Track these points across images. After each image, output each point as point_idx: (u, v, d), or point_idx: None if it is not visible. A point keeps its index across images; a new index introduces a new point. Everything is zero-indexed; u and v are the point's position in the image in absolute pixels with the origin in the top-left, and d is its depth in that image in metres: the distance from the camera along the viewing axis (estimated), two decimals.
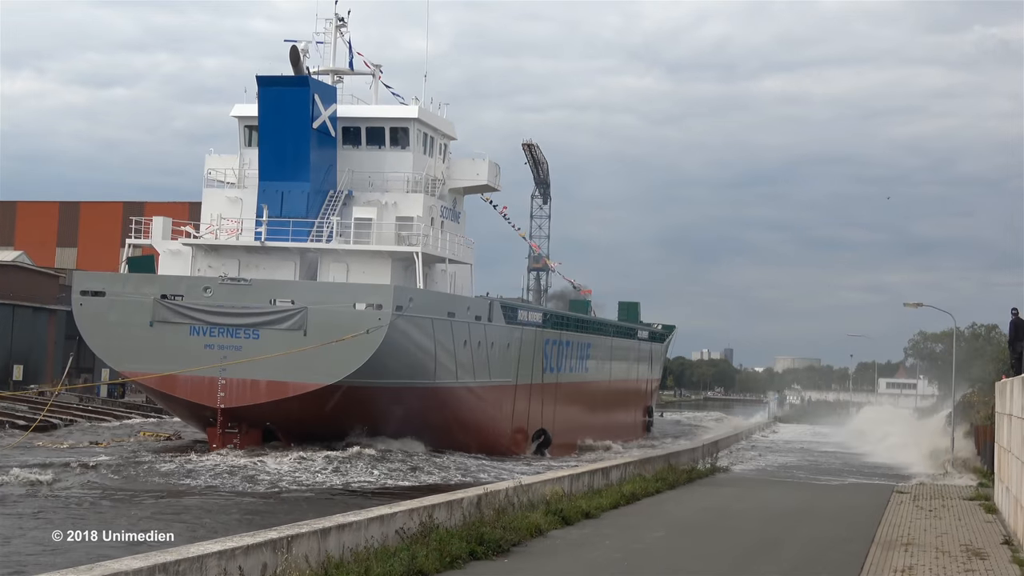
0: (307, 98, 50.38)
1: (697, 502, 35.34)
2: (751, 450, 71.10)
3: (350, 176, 53.51)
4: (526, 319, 61.87)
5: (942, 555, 24.90)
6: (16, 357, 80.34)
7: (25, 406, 62.53)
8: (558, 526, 27.05)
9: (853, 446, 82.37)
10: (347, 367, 45.83)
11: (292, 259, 51.02)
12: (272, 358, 45.79)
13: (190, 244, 52.41)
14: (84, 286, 49.66)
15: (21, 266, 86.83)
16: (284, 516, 30.59)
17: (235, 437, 47.36)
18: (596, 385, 76.47)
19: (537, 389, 62.35)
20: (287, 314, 46.27)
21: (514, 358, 58.70)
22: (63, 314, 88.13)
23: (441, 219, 55.93)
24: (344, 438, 48.53)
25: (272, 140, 50.72)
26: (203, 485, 38.69)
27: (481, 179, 59.93)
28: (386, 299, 46.05)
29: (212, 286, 47.48)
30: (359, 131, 54.85)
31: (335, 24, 56.80)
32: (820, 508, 35.46)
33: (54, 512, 32.03)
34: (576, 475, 34.66)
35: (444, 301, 51.58)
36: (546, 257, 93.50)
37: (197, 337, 47.16)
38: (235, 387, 46.72)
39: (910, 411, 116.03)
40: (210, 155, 56.90)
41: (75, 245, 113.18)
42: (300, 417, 47.19)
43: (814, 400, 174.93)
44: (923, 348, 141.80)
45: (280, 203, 50.47)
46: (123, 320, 48.12)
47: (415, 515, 22.97)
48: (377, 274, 50.25)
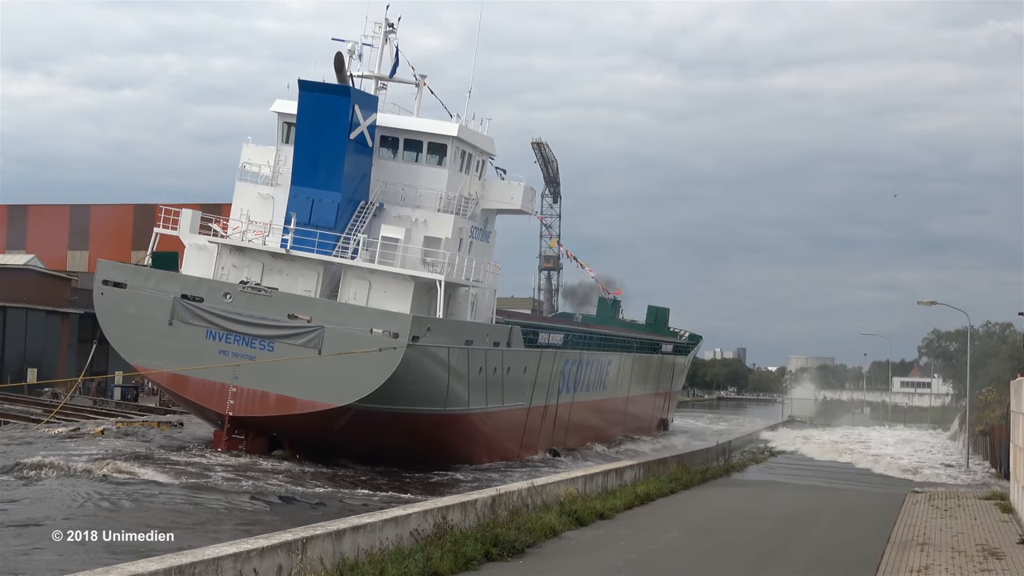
0: (347, 107, 49.67)
1: (711, 503, 35.28)
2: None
3: (383, 188, 52.95)
4: (547, 341, 61.66)
5: (958, 555, 24.81)
6: (30, 360, 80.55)
7: (39, 408, 62.65)
8: (572, 527, 27.02)
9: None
10: (359, 391, 45.52)
11: (316, 270, 50.62)
12: (285, 374, 45.66)
13: (216, 242, 52.23)
14: (107, 276, 49.41)
15: (34, 269, 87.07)
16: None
17: (240, 443, 47.27)
18: (612, 402, 76.34)
19: (551, 410, 62.25)
20: (304, 331, 46.02)
21: (529, 382, 58.47)
22: (76, 317, 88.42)
23: (470, 239, 55.18)
24: (351, 456, 48.50)
25: (307, 146, 50.13)
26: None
27: (515, 203, 58.96)
28: (403, 328, 45.63)
29: (233, 292, 47.22)
30: (397, 142, 54.29)
31: (384, 29, 55.92)
32: (834, 508, 35.36)
33: (53, 512, 32.09)
34: (590, 476, 34.61)
35: (463, 329, 51.32)
36: (580, 260, 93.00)
37: (213, 342, 46.96)
38: (245, 396, 46.58)
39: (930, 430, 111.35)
40: (247, 144, 56.06)
41: (86, 248, 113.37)
42: (306, 433, 47.12)
43: (828, 399, 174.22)
44: (937, 347, 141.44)
45: (309, 211, 49.95)
46: (142, 314, 47.93)
47: (429, 516, 22.96)
48: (398, 295, 49.89)
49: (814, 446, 77.25)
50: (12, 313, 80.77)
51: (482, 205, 57.54)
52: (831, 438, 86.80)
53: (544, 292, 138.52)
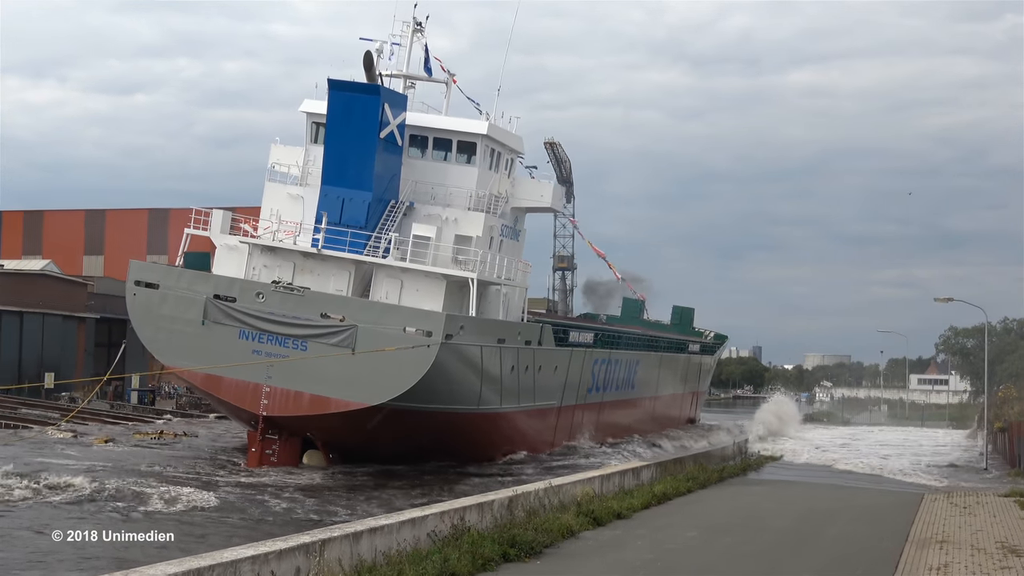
0: (377, 107, 49.49)
1: (728, 502, 35.19)
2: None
3: (413, 187, 52.90)
4: (577, 340, 61.53)
5: (978, 552, 24.71)
6: (47, 365, 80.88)
7: (57, 413, 62.86)
8: (590, 527, 26.97)
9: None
10: (392, 390, 45.48)
11: (347, 269, 50.60)
12: (318, 373, 45.54)
13: (247, 242, 52.28)
14: (139, 276, 49.45)
15: (50, 275, 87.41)
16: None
17: (274, 443, 47.23)
18: (641, 402, 76.11)
19: (580, 409, 62.11)
20: (337, 330, 45.94)
21: (560, 381, 58.36)
22: (92, 322, 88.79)
23: (500, 238, 55.19)
24: (384, 457, 48.38)
25: (337, 146, 50.01)
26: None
27: (544, 201, 59.21)
28: (437, 327, 45.63)
29: (265, 292, 47.18)
30: (426, 139, 54.23)
31: (412, 28, 56.02)
32: (853, 507, 35.24)
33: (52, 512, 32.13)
34: (607, 475, 34.56)
35: (495, 328, 51.29)
36: (609, 261, 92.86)
37: (246, 342, 46.90)
38: (278, 396, 46.45)
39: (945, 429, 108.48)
40: (275, 145, 56.17)
41: (102, 253, 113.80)
42: (340, 433, 47.05)
43: (845, 397, 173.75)
44: (954, 343, 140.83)
45: (340, 210, 49.90)
46: (175, 315, 47.96)
47: (446, 518, 22.95)
48: (430, 294, 49.88)
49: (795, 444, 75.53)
50: (29, 318, 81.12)
51: (512, 204, 57.56)
52: (823, 440, 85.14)
53: (559, 292, 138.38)
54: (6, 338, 79.39)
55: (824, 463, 60.99)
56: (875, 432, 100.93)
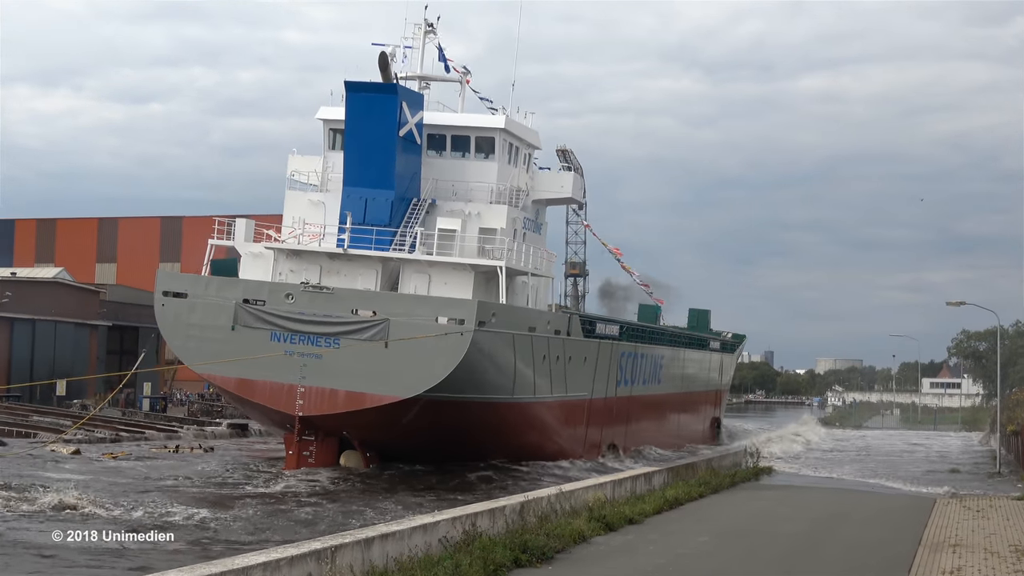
0: (395, 105, 49.49)
1: (740, 506, 35.13)
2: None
3: (434, 185, 52.85)
4: (604, 332, 61.29)
5: (991, 556, 24.63)
6: (59, 373, 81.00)
7: (69, 420, 62.97)
8: (601, 532, 26.94)
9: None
10: (427, 381, 45.35)
11: (374, 267, 50.69)
12: (353, 369, 45.59)
13: (272, 248, 52.24)
14: (167, 287, 49.58)
15: (62, 282, 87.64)
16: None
17: (311, 445, 47.19)
18: (668, 398, 75.59)
19: (611, 403, 61.81)
20: (369, 324, 45.88)
21: (589, 372, 58.16)
22: (104, 329, 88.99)
23: (524, 231, 55.14)
24: (421, 454, 48.33)
25: (358, 146, 50.07)
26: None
27: (565, 192, 59.19)
28: (469, 314, 45.53)
29: (294, 293, 47.22)
30: (444, 138, 54.31)
31: (424, 29, 56.17)
32: (865, 511, 35.16)
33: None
34: (619, 480, 34.54)
35: (525, 316, 51.17)
36: (624, 263, 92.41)
37: (278, 343, 46.85)
38: (314, 395, 46.38)
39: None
40: (293, 155, 56.45)
41: (114, 261, 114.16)
42: (376, 429, 46.88)
43: (857, 402, 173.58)
44: (967, 347, 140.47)
45: (363, 210, 49.97)
46: (204, 322, 48.00)
47: (458, 523, 22.93)
48: (459, 286, 49.81)
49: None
50: (41, 326, 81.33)
51: (532, 196, 57.57)
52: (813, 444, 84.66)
53: (571, 299, 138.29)
54: (18, 345, 79.60)
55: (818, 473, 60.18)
56: (871, 438, 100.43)
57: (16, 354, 79.31)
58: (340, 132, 53.38)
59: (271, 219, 56.37)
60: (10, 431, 56.03)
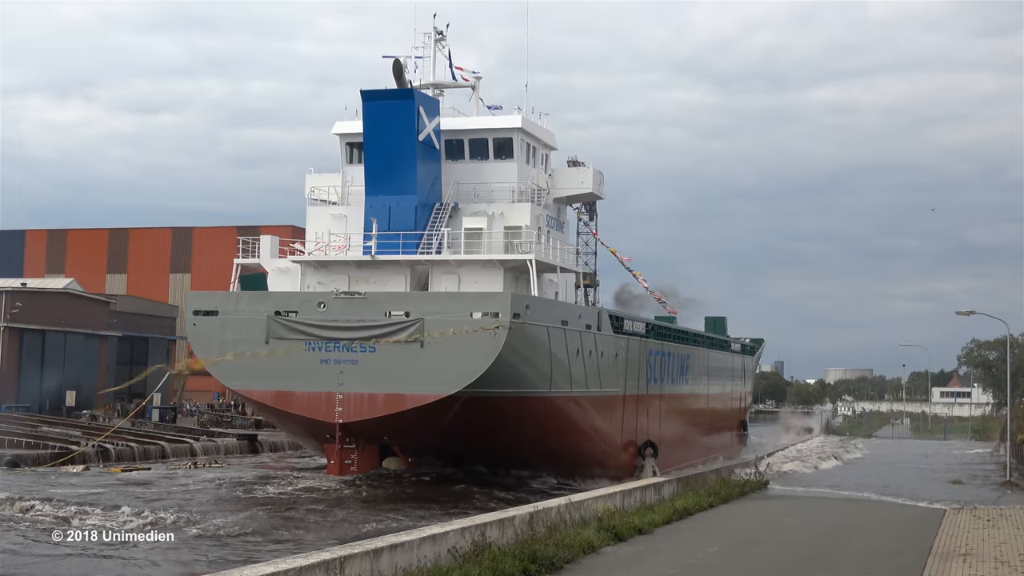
0: (412, 111, 49.68)
1: (750, 516, 35.06)
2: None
3: (455, 188, 53.02)
4: (631, 329, 60.82)
5: (1001, 565, 24.55)
6: (69, 383, 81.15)
7: (78, 431, 63.05)
8: (611, 542, 26.90)
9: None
10: (466, 377, 45.08)
11: (403, 272, 50.72)
12: (390, 372, 45.46)
13: (299, 261, 52.31)
14: (197, 306, 49.44)
15: (73, 293, 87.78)
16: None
17: (353, 452, 47.10)
18: (696, 399, 74.97)
19: (644, 400, 61.24)
20: (403, 325, 45.74)
21: (621, 368, 57.71)
22: (114, 340, 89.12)
23: (547, 228, 54.98)
24: (460, 456, 48.17)
25: (378, 154, 50.18)
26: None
27: (585, 187, 58.87)
28: (503, 307, 45.22)
29: (326, 301, 47.09)
30: (462, 144, 54.27)
31: (434, 38, 56.36)
32: (875, 520, 35.07)
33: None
34: (628, 491, 34.51)
35: (558, 309, 50.85)
36: (636, 272, 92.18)
37: (313, 352, 46.72)
38: (353, 401, 46.18)
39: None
40: (310, 174, 56.70)
41: (125, 271, 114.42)
42: (418, 430, 46.67)
43: (867, 411, 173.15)
44: (976, 356, 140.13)
45: (388, 217, 50.07)
46: (238, 338, 47.89)
47: (467, 534, 22.92)
48: (489, 284, 49.70)
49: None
50: (51, 336, 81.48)
51: (553, 194, 57.53)
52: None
53: None
54: (28, 356, 79.74)
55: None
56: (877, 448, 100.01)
57: (26, 364, 79.43)
58: (356, 146, 53.58)
59: (281, 230, 56.53)
60: (20, 442, 56.13)
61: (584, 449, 52.93)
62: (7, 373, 77.37)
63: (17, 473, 47.76)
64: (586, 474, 50.74)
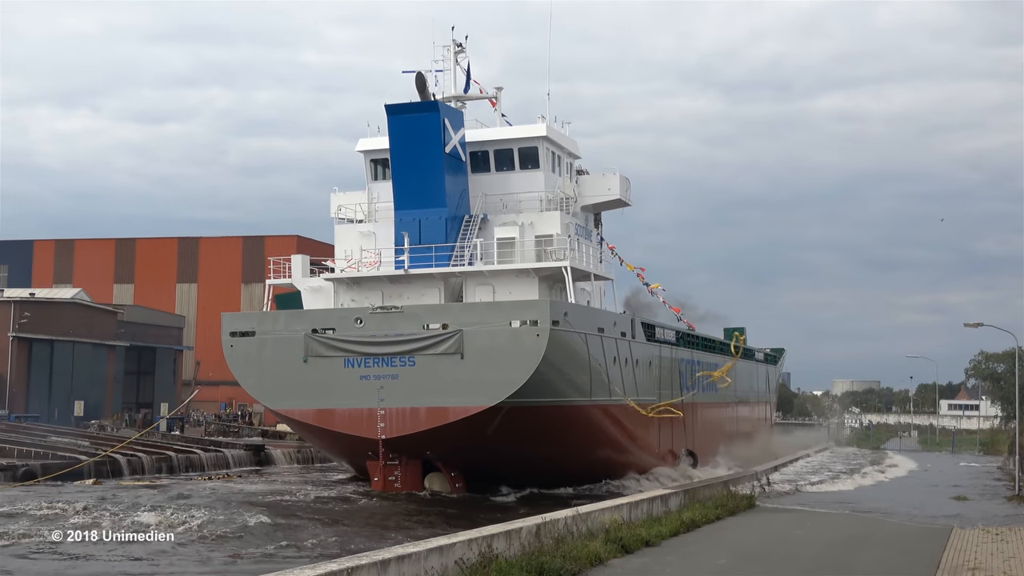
0: (438, 123, 49.46)
1: (758, 529, 34.96)
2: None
3: (483, 200, 52.77)
4: (663, 337, 60.68)
5: None
6: (77, 393, 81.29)
7: (86, 440, 63.14)
8: (618, 554, 26.83)
9: None
10: (509, 387, 44.88)
11: (436, 285, 50.50)
12: (432, 385, 45.19)
13: (332, 279, 52.14)
14: (234, 327, 49.15)
15: (81, 303, 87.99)
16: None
17: (396, 468, 46.78)
18: (725, 407, 74.82)
19: (678, 409, 61.26)
20: (443, 337, 45.53)
21: (655, 376, 57.52)
22: (122, 350, 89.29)
23: (577, 237, 54.65)
24: (504, 472, 47.65)
25: (406, 168, 49.85)
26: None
27: (613, 193, 58.48)
28: (542, 314, 45.07)
29: (363, 316, 46.94)
30: (487, 155, 53.87)
31: (453, 51, 56.32)
32: (882, 535, 34.94)
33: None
34: (635, 503, 34.42)
35: (595, 316, 50.71)
36: (652, 285, 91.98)
37: (352, 369, 46.53)
38: (395, 417, 45.91)
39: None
40: (335, 193, 56.51)
41: (132, 281, 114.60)
42: (461, 444, 46.19)
43: (875, 424, 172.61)
44: (985, 368, 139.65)
45: (419, 231, 49.85)
46: (276, 358, 47.70)
47: (474, 545, 22.90)
48: (523, 293, 49.44)
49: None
50: (59, 346, 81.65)
51: (580, 203, 57.21)
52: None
53: None
54: (37, 366, 79.91)
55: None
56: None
57: (35, 374, 79.59)
58: (381, 163, 53.38)
59: (287, 240, 56.57)
60: (29, 451, 56.20)
61: (626, 459, 52.62)
62: (16, 383, 77.55)
63: (29, 485, 47.81)
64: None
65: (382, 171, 54.05)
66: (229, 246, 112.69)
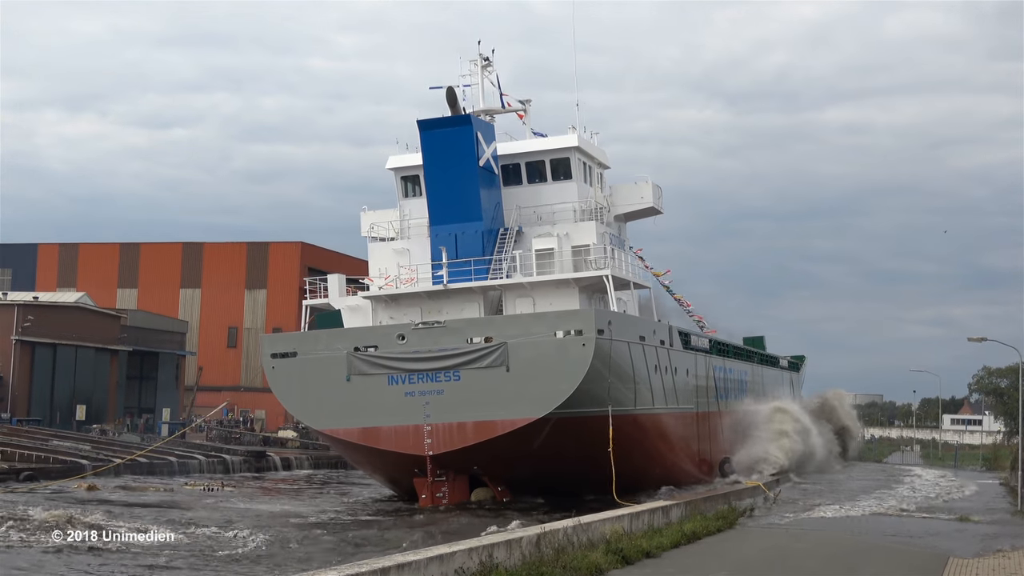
0: (471, 137, 49.33)
1: (757, 542, 34.86)
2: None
3: (517, 212, 52.64)
4: (697, 345, 60.47)
5: None
6: (79, 397, 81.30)
7: (88, 445, 63.15)
8: (618, 565, 26.76)
9: None
10: (556, 399, 44.67)
11: (475, 299, 50.19)
12: (478, 399, 44.85)
13: (370, 296, 51.90)
14: (275, 348, 48.99)
15: (84, 307, 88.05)
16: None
17: (444, 485, 46.29)
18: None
19: (715, 417, 60.88)
20: (487, 351, 45.29)
21: (692, 385, 57.34)
22: (124, 354, 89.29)
23: (611, 247, 54.29)
24: (545, 484, 47.18)
25: (440, 183, 49.65)
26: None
27: (646, 202, 58.38)
28: (587, 324, 44.88)
29: (406, 332, 46.66)
30: (519, 168, 53.62)
31: (481, 64, 56.19)
32: (884, 547, 34.87)
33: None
34: (636, 514, 34.36)
35: (636, 325, 50.59)
36: (677, 295, 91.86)
37: (396, 386, 46.18)
38: (442, 432, 45.51)
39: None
40: (365, 212, 56.36)
41: (136, 286, 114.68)
42: (508, 457, 45.85)
43: (877, 437, 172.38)
44: (988, 383, 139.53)
45: (455, 245, 49.71)
46: (318, 378, 47.48)
47: (474, 554, 22.86)
48: (564, 303, 49.14)
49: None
50: (62, 350, 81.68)
51: (613, 212, 57.11)
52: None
53: None
54: (39, 369, 79.93)
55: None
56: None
57: (37, 378, 79.61)
58: (412, 180, 53.26)
59: (291, 247, 56.51)
60: (29, 455, 56.20)
61: (667, 469, 52.39)
62: (18, 386, 77.57)
63: (32, 489, 47.81)
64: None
65: (413, 188, 53.90)
66: (233, 252, 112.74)
